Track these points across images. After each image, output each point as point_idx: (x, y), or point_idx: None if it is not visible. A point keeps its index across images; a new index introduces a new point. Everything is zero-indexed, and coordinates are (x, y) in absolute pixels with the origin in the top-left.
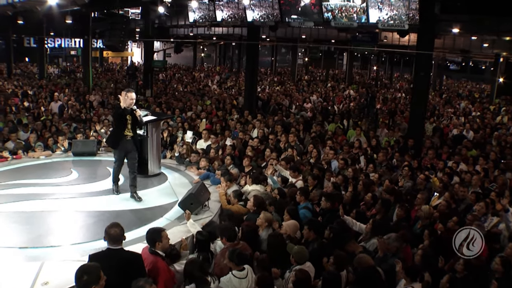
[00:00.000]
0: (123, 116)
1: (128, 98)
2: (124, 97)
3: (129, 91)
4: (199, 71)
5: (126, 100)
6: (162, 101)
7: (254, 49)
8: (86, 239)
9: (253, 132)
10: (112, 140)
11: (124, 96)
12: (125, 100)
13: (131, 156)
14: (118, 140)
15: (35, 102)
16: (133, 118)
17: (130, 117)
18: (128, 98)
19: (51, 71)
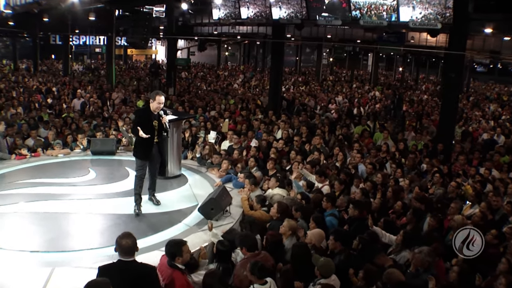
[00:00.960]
0: (149, 122)
1: (156, 101)
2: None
3: (158, 93)
4: (223, 69)
5: (154, 104)
6: (185, 99)
7: (279, 48)
8: (100, 245)
9: (278, 133)
10: (140, 152)
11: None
12: (152, 104)
13: (154, 162)
14: (149, 151)
15: (57, 99)
16: (159, 124)
17: (156, 123)
18: (156, 102)
19: (76, 68)
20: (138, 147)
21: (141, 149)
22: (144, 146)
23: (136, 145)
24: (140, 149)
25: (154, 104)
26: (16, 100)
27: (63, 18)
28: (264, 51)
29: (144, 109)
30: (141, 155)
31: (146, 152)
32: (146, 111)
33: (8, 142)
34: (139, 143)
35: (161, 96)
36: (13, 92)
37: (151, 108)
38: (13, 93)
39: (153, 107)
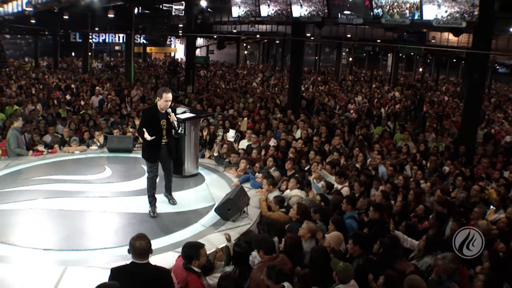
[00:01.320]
0: (156, 122)
1: (163, 99)
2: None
3: (165, 90)
4: (242, 68)
5: (161, 102)
6: (204, 97)
7: (299, 47)
8: (114, 244)
9: (297, 132)
10: (148, 154)
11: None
12: (160, 102)
13: (166, 162)
14: (156, 152)
15: (76, 96)
16: (168, 123)
17: (164, 122)
18: (163, 99)
19: (95, 66)
20: (145, 148)
21: (149, 150)
22: (151, 147)
23: (144, 146)
24: (148, 151)
25: (161, 102)
26: (35, 97)
27: (82, 15)
28: (284, 50)
29: (151, 108)
30: (148, 157)
31: (153, 153)
32: (153, 111)
33: (26, 138)
34: (146, 144)
35: (168, 93)
36: (33, 89)
37: (159, 107)
38: (33, 90)
39: (161, 106)
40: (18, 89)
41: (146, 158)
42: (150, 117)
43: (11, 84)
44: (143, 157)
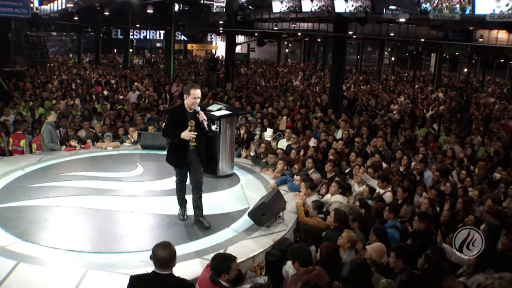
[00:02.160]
0: (183, 123)
1: (191, 96)
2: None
3: (193, 86)
4: (283, 66)
5: (189, 99)
6: (243, 95)
7: (341, 45)
8: (139, 248)
9: (337, 133)
10: (174, 158)
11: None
12: (187, 100)
13: (194, 170)
14: (183, 157)
15: (114, 91)
16: (197, 124)
17: (193, 123)
18: (191, 97)
19: (136, 62)
20: (171, 152)
21: (174, 154)
22: (177, 151)
23: (168, 150)
24: (173, 155)
25: (189, 99)
26: (74, 92)
27: (123, 12)
28: (325, 49)
29: (178, 108)
30: (174, 162)
31: (179, 158)
32: (180, 110)
33: (61, 133)
34: (171, 147)
35: (197, 90)
36: (73, 84)
37: (186, 106)
38: (73, 85)
39: (188, 104)
40: (59, 84)
41: (171, 163)
42: (177, 117)
43: (53, 79)
44: (168, 162)
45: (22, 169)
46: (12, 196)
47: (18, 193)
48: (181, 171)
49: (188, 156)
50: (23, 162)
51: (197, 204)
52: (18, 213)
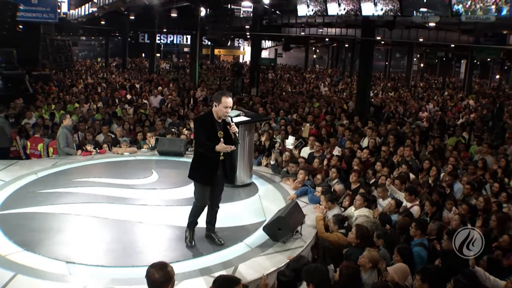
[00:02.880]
0: (214, 134)
1: (222, 104)
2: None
3: (225, 94)
4: (310, 72)
5: (219, 108)
6: (268, 100)
7: (368, 50)
8: (140, 262)
9: (363, 141)
10: (202, 174)
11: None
12: (217, 108)
13: (219, 187)
14: (213, 172)
15: (138, 95)
16: (226, 134)
17: (221, 134)
18: (221, 105)
19: (163, 66)
20: (198, 166)
21: (203, 169)
22: (207, 165)
23: (196, 164)
24: (202, 169)
25: (220, 108)
26: (96, 95)
27: (150, 17)
28: (353, 55)
29: (206, 117)
30: (201, 178)
31: (209, 174)
32: (209, 118)
33: (80, 137)
34: (200, 160)
35: (229, 98)
36: (99, 88)
37: (215, 115)
38: (98, 89)
39: (218, 113)
40: (84, 87)
41: (199, 180)
42: (206, 128)
43: (79, 83)
44: (193, 178)
45: (35, 174)
46: (21, 201)
47: (28, 198)
48: (205, 189)
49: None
50: (37, 167)
51: (210, 220)
52: (24, 220)
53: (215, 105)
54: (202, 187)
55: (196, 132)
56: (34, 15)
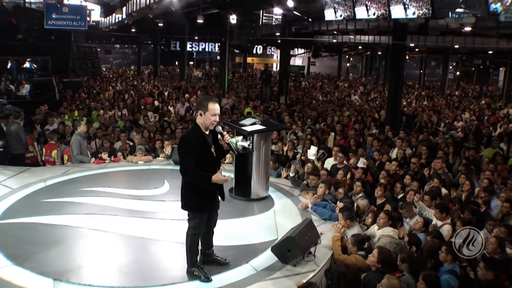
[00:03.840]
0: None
1: (209, 112)
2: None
3: (211, 99)
4: (343, 81)
5: (206, 117)
6: (296, 109)
7: (400, 56)
8: (135, 283)
9: (393, 152)
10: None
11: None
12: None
13: (213, 215)
14: (212, 198)
15: (165, 102)
16: (218, 149)
17: (214, 148)
18: (209, 113)
19: (196, 74)
20: (194, 192)
21: (200, 195)
22: (204, 191)
23: (190, 190)
24: (198, 196)
25: (207, 117)
26: (122, 102)
27: (179, 24)
28: (387, 63)
29: (194, 133)
30: (200, 207)
31: (207, 200)
32: (199, 135)
33: (97, 144)
34: (194, 185)
35: (216, 104)
36: (126, 95)
37: (203, 127)
38: (126, 96)
39: (206, 123)
40: (113, 95)
41: (196, 209)
42: (198, 146)
43: (109, 90)
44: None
45: (44, 182)
46: (23, 211)
47: (30, 208)
48: (203, 217)
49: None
50: (47, 174)
51: (207, 243)
52: (22, 231)
53: (200, 115)
54: (200, 214)
55: (184, 155)
56: (65, 23)
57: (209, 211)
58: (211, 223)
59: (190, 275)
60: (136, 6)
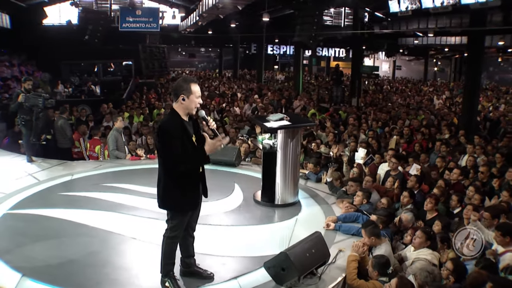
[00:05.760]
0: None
1: (193, 95)
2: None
3: (192, 80)
4: (430, 85)
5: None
6: (367, 112)
7: (477, 56)
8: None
9: (462, 159)
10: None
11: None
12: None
13: (199, 209)
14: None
15: (230, 103)
16: (198, 137)
17: (195, 137)
18: (193, 96)
19: (279, 78)
20: (174, 190)
21: (182, 193)
22: (187, 186)
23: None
24: (180, 194)
25: (192, 100)
26: None
27: (256, 26)
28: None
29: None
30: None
31: (191, 196)
32: (178, 122)
33: (142, 141)
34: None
35: (197, 85)
36: None
37: (183, 113)
38: None
39: (190, 108)
40: None
41: (178, 209)
42: (180, 133)
43: None
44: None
45: (70, 175)
46: (35, 202)
47: (43, 200)
48: (184, 218)
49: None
50: (79, 168)
51: (188, 252)
52: (21, 221)
53: (183, 99)
54: (182, 214)
55: (168, 146)
56: (138, 25)
57: (187, 211)
58: (191, 229)
59: (162, 285)
60: (205, 6)
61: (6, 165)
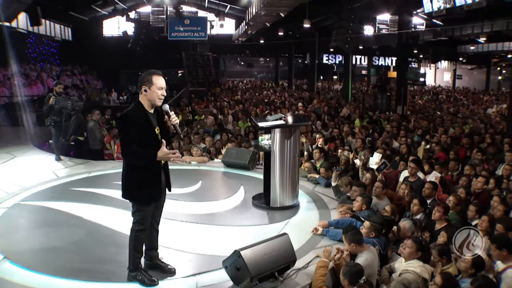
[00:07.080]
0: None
1: (154, 86)
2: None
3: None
4: (492, 95)
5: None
6: (411, 119)
7: None
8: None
9: (500, 168)
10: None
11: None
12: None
13: (161, 203)
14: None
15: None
16: (162, 129)
17: (158, 130)
18: (154, 87)
19: (336, 88)
20: (136, 180)
21: (143, 183)
22: (148, 177)
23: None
24: (142, 184)
25: (153, 91)
26: (226, 109)
27: (309, 36)
28: None
29: (137, 109)
30: (144, 196)
31: (151, 189)
32: (141, 112)
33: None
34: (136, 172)
35: (160, 77)
36: (246, 104)
37: (147, 104)
38: (246, 104)
39: (152, 99)
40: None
41: (140, 201)
42: (139, 126)
43: (229, 98)
44: (130, 199)
45: (88, 173)
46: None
47: (55, 193)
48: (148, 210)
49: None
50: (99, 167)
51: (151, 245)
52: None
53: (145, 91)
54: (147, 206)
55: (124, 135)
56: (186, 34)
57: (151, 202)
58: (155, 222)
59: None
60: (250, 15)
61: (34, 162)
